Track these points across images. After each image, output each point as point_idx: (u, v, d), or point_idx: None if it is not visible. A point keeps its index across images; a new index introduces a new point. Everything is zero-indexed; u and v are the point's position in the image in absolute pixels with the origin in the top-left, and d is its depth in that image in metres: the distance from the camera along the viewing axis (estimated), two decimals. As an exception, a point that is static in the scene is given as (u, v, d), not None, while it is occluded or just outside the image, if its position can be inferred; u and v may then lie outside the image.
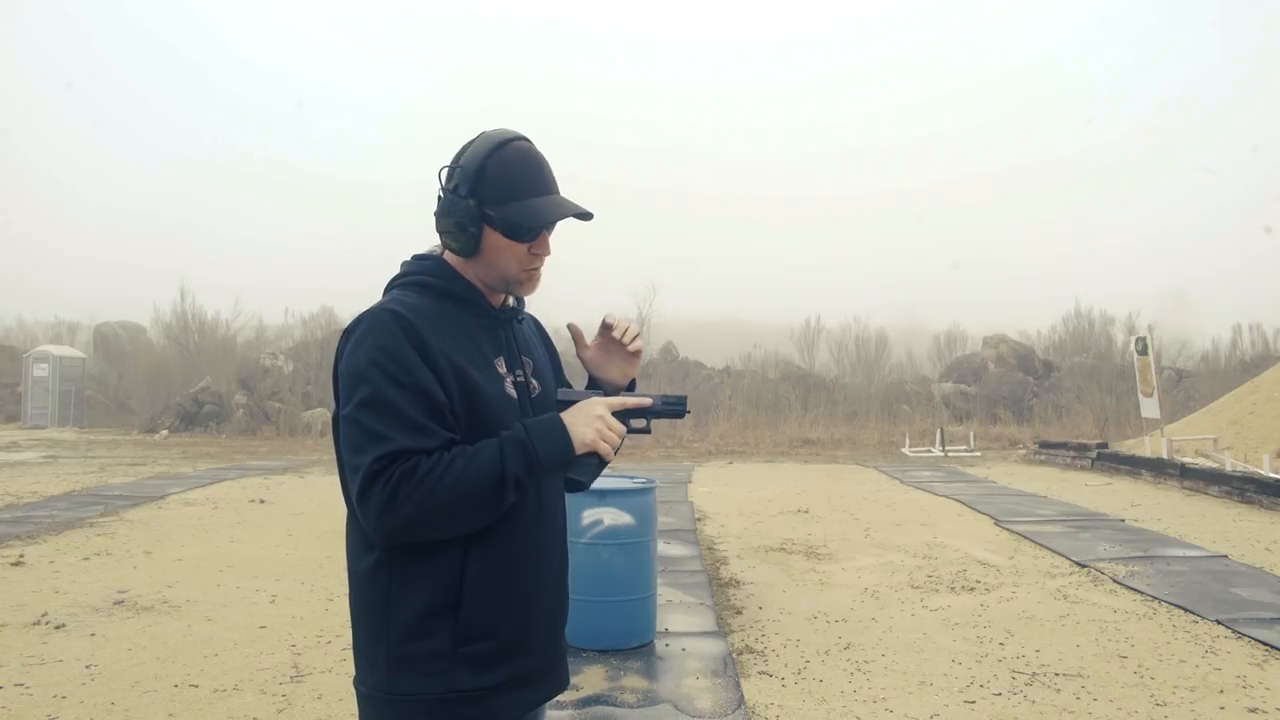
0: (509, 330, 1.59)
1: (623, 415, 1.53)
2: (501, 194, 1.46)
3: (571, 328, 1.70)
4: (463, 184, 1.47)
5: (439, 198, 1.50)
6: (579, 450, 1.45)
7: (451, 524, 1.39)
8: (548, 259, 1.56)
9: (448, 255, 1.55)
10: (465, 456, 1.38)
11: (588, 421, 1.46)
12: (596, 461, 1.49)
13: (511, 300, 1.61)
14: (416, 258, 1.58)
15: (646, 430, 1.59)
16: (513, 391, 1.53)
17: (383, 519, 1.34)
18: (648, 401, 1.57)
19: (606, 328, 1.65)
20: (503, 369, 1.53)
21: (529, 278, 1.54)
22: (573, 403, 1.51)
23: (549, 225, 1.52)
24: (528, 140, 1.53)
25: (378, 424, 1.35)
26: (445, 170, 1.50)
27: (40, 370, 22.42)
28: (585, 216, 1.53)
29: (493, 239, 1.49)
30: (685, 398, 1.63)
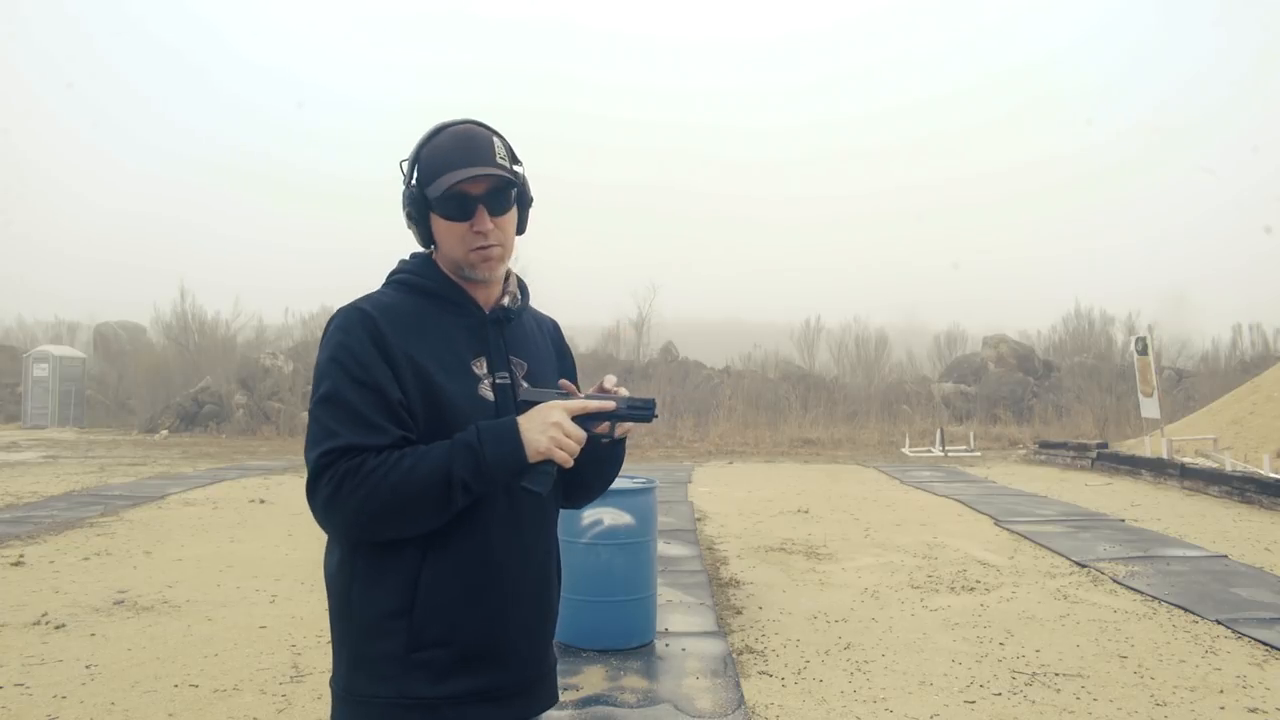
0: (497, 330, 1.53)
1: (584, 420, 1.43)
2: (431, 174, 1.45)
3: (563, 385, 1.54)
4: (410, 172, 1.49)
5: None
6: (532, 458, 1.38)
7: (396, 523, 1.36)
8: (501, 237, 1.48)
9: (434, 253, 1.55)
10: (414, 456, 1.35)
11: (543, 428, 1.39)
12: (553, 470, 1.40)
13: (507, 300, 1.56)
14: (413, 255, 1.58)
15: (610, 435, 1.50)
16: (489, 394, 1.47)
17: (328, 513, 1.35)
18: (611, 405, 1.46)
19: (601, 389, 1.52)
20: (482, 370, 1.48)
21: (481, 258, 1.47)
22: (534, 404, 1.44)
23: (477, 196, 1.44)
24: (473, 123, 1.50)
25: (330, 420, 1.36)
26: (403, 162, 1.52)
27: (40, 370, 22.42)
28: (496, 179, 1.44)
29: (437, 224, 1.48)
30: (654, 401, 1.51)
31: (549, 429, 1.39)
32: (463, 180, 1.43)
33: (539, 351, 1.60)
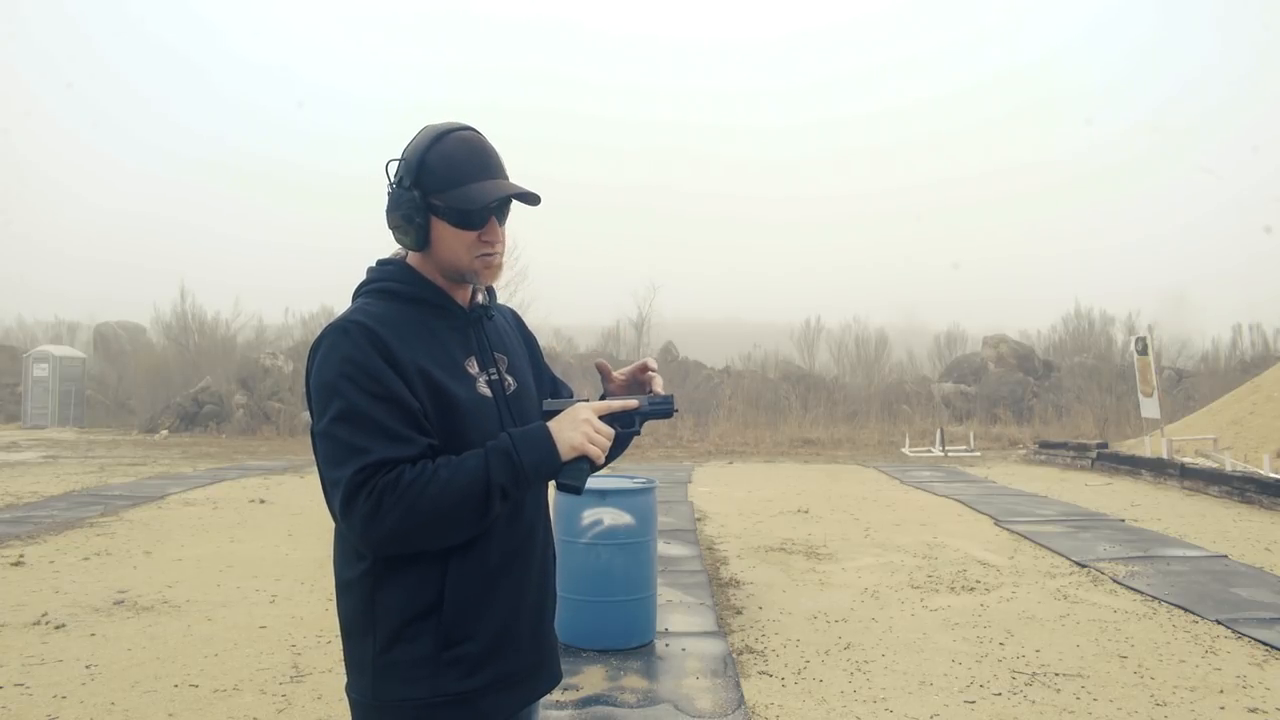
0: (479, 328, 1.57)
1: (610, 419, 1.51)
2: (443, 182, 1.44)
3: (600, 365, 1.70)
4: (406, 176, 1.45)
5: (388, 193, 1.48)
6: (567, 454, 1.42)
7: (438, 534, 1.37)
8: (502, 246, 1.53)
9: (410, 258, 1.53)
10: (450, 467, 1.36)
11: (574, 425, 1.44)
12: (587, 466, 1.46)
13: (481, 297, 1.59)
14: (381, 263, 1.56)
15: (636, 432, 1.58)
16: (486, 391, 1.51)
17: (368, 531, 1.33)
18: (634, 404, 1.55)
19: (643, 369, 1.66)
20: (474, 369, 1.51)
21: (485, 265, 1.50)
22: (559, 412, 1.50)
23: (493, 208, 1.47)
24: (473, 130, 1.50)
25: (355, 436, 1.34)
26: (390, 164, 1.49)
27: (40, 370, 22.41)
28: (529, 198, 1.49)
29: (440, 229, 1.46)
30: (672, 397, 1.62)
31: (580, 425, 1.45)
32: (499, 198, 1.45)
33: (512, 344, 1.66)
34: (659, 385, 1.64)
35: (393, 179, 1.48)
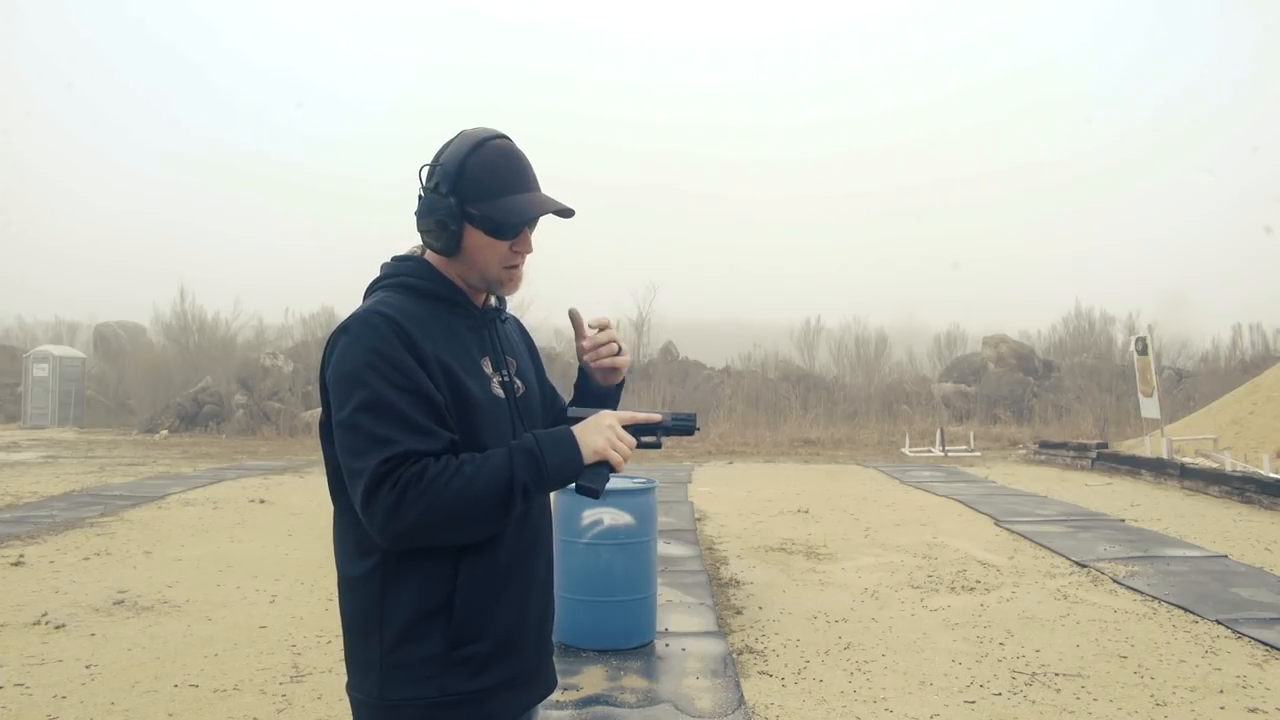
0: (493, 330, 1.58)
1: (632, 430, 1.54)
2: (482, 191, 1.45)
3: (572, 314, 1.67)
4: (443, 182, 1.45)
5: (419, 197, 1.49)
6: (590, 458, 1.44)
7: (459, 529, 1.37)
8: (529, 257, 1.55)
9: (429, 255, 1.54)
10: (474, 463, 1.37)
11: (598, 431, 1.46)
12: (608, 471, 1.48)
13: (494, 300, 1.60)
14: (397, 259, 1.57)
15: (657, 445, 1.61)
16: (499, 391, 1.52)
17: (390, 524, 1.32)
18: (657, 418, 1.59)
19: (598, 327, 1.67)
20: (489, 369, 1.53)
21: (510, 277, 1.53)
22: (582, 419, 1.52)
23: (531, 222, 1.50)
24: (508, 138, 1.52)
25: (379, 427, 1.33)
26: (425, 169, 1.50)
27: (40, 370, 22.40)
28: (566, 213, 1.52)
29: (474, 237, 1.48)
30: (695, 415, 1.65)
31: (604, 431, 1.47)
32: (544, 214, 1.49)
33: (519, 348, 1.68)
34: (598, 340, 1.66)
35: (426, 183, 1.48)
